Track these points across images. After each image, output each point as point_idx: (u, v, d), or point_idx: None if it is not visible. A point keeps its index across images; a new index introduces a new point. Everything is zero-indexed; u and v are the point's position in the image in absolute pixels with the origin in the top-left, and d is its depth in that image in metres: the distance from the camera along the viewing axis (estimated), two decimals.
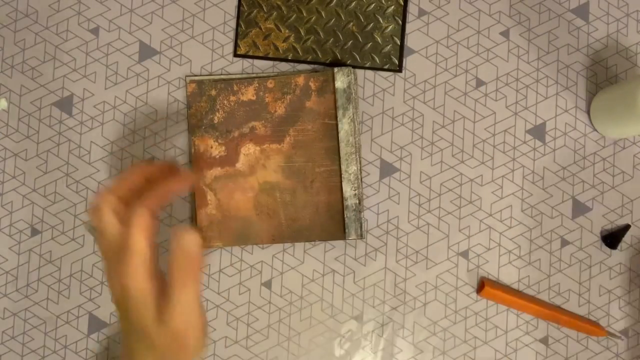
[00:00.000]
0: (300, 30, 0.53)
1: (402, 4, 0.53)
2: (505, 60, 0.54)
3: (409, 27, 0.54)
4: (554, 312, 0.51)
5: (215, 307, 0.53)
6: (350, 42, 0.53)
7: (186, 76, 0.53)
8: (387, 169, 0.53)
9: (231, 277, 0.53)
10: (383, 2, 0.53)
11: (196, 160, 0.51)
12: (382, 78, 0.53)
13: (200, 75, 0.53)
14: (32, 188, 0.53)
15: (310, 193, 0.52)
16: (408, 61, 0.54)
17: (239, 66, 0.54)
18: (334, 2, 0.53)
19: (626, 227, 0.52)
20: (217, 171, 0.52)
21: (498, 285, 0.52)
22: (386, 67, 0.53)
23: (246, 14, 0.53)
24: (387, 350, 0.52)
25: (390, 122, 0.53)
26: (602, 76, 0.54)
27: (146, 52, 0.54)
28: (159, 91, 0.54)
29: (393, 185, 0.53)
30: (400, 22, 0.53)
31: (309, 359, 0.52)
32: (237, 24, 0.53)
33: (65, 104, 0.54)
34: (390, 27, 0.53)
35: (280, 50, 0.53)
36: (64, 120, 0.54)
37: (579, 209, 0.53)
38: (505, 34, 0.54)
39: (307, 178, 0.52)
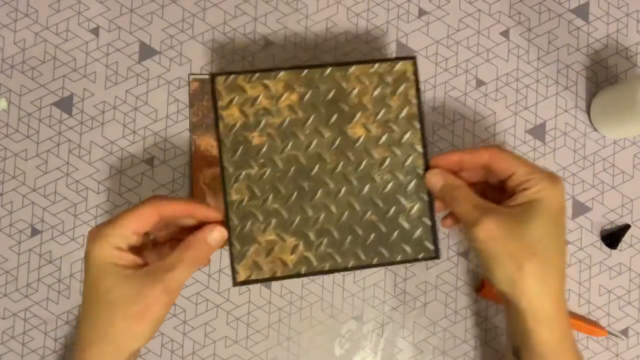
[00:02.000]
0: (310, 234, 0.43)
1: (422, 173, 0.44)
2: (505, 60, 0.54)
3: (408, 27, 0.54)
4: None
5: (215, 307, 0.53)
6: (373, 235, 0.43)
7: (189, 74, 0.53)
8: None
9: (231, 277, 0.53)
10: (401, 177, 0.43)
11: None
12: None
13: (203, 74, 0.53)
14: (32, 188, 0.53)
15: None
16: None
17: (239, 66, 0.54)
18: (344, 190, 0.43)
19: (626, 227, 0.52)
20: (216, 171, 0.52)
21: None
22: (420, 256, 0.44)
23: (239, 229, 0.43)
24: (387, 350, 0.52)
25: None
26: (602, 76, 0.54)
27: (146, 52, 0.54)
28: (159, 91, 0.54)
29: None
30: (426, 198, 0.43)
31: (309, 359, 0.52)
32: (230, 244, 0.43)
33: (65, 104, 0.54)
34: (416, 206, 0.43)
35: (290, 265, 0.43)
36: (64, 120, 0.54)
37: (579, 209, 0.53)
38: (505, 34, 0.54)
39: None
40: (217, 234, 0.41)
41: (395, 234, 0.44)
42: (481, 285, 0.52)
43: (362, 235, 0.44)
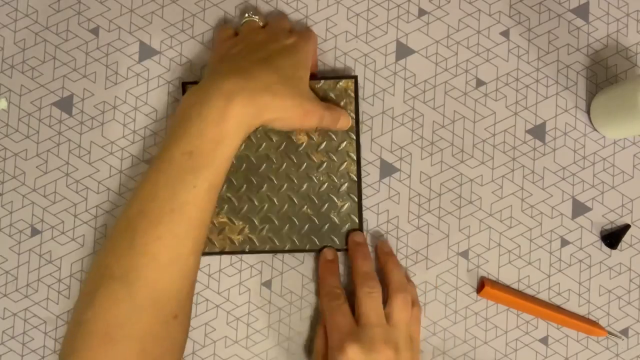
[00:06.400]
0: (255, 220, 0.50)
1: (356, 179, 0.50)
2: (505, 60, 0.54)
3: (408, 27, 0.54)
4: (554, 312, 0.51)
5: (215, 307, 0.53)
6: (307, 225, 0.50)
7: (182, 82, 0.52)
8: (387, 169, 0.53)
9: (231, 277, 0.53)
10: (336, 180, 0.50)
11: None
12: (382, 78, 0.53)
13: (195, 82, 0.53)
14: (32, 188, 0.53)
15: None
16: (408, 61, 0.54)
17: None
18: (285, 186, 0.50)
19: (626, 227, 0.52)
20: None
21: (498, 285, 0.52)
22: (347, 247, 0.51)
23: None
24: None
25: (390, 122, 0.53)
26: (602, 76, 0.54)
27: (146, 52, 0.54)
28: (159, 91, 0.54)
29: (393, 185, 0.53)
30: (355, 199, 0.50)
31: (309, 359, 0.52)
32: None
33: (65, 104, 0.54)
34: (346, 205, 0.50)
35: (236, 243, 0.50)
36: (64, 120, 0.54)
37: (579, 209, 0.53)
38: (505, 34, 0.54)
39: None
40: (345, 122, 0.50)
41: (327, 226, 0.51)
42: (481, 285, 0.52)
43: (298, 225, 0.50)
